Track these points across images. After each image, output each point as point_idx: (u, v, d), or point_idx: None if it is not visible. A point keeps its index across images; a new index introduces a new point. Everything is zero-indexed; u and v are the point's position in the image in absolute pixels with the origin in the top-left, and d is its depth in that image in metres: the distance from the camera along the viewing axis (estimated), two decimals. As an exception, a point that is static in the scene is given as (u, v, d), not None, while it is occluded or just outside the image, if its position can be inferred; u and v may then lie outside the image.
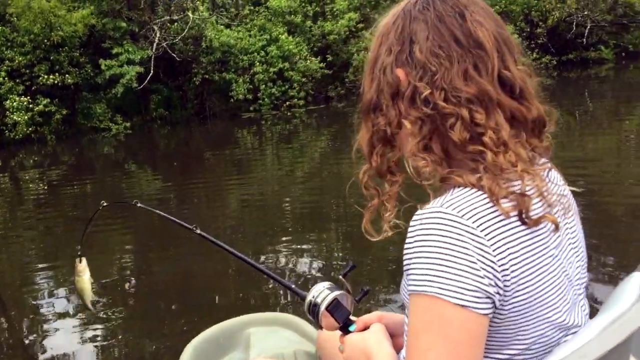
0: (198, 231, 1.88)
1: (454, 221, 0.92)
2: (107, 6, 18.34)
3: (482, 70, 0.98)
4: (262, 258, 5.47)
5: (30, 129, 16.97)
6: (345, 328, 1.27)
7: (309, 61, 20.75)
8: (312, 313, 1.29)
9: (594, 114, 13.88)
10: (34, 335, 4.28)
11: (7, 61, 17.17)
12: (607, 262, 4.46)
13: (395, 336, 1.25)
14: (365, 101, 1.08)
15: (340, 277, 1.33)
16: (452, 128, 0.97)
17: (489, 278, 0.91)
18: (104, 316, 4.39)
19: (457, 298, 0.90)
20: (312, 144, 14.18)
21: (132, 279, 5.52)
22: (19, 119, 16.56)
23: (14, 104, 16.64)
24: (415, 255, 0.94)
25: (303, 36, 21.50)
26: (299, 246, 5.81)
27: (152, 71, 17.99)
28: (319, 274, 5.00)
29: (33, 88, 17.47)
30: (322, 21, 21.96)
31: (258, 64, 20.03)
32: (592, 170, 7.66)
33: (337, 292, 1.27)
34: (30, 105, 16.95)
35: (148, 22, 18.56)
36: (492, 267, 0.92)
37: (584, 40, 22.68)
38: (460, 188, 0.97)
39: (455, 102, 0.97)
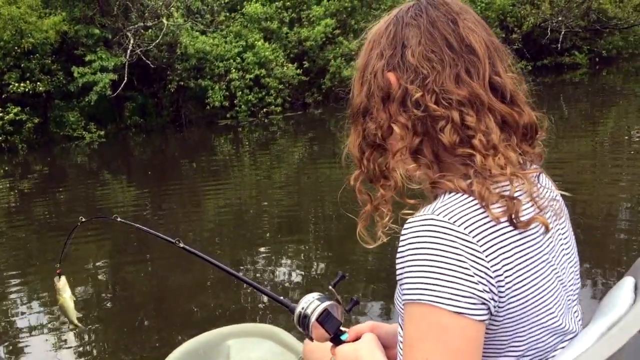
0: (181, 245, 1.83)
1: (446, 228, 0.92)
2: (80, 12, 18.02)
3: (474, 74, 0.99)
4: (243, 267, 5.39)
5: (0, 138, 16.56)
6: (336, 338, 1.25)
7: (285, 67, 20.65)
8: (302, 324, 1.27)
9: (570, 118, 14.01)
10: (6, 350, 4.18)
11: (-24, 69, 16.76)
12: (594, 270, 4.41)
13: (387, 347, 1.23)
14: (355, 105, 1.08)
15: (330, 287, 1.31)
16: (442, 131, 0.97)
17: (482, 284, 0.91)
18: (80, 330, 4.27)
19: (452, 305, 0.90)
20: (290, 150, 14.11)
21: (109, 291, 5.39)
22: (-11, 128, 16.16)
23: (-17, 112, 16.23)
24: (408, 264, 0.93)
25: (279, 42, 21.40)
26: (278, 255, 5.73)
27: (125, 78, 17.71)
28: (297, 283, 4.93)
29: (3, 96, 17.07)
30: (298, 27, 21.89)
31: (234, 70, 19.86)
32: (569, 171, 7.70)
33: (327, 303, 1.26)
34: (0, 114, 16.54)
35: (121, 29, 18.29)
36: (486, 273, 0.91)
37: (559, 45, 22.98)
38: (452, 194, 0.97)
39: (446, 105, 0.97)
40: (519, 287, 0.95)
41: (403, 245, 0.95)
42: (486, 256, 0.92)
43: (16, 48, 16.92)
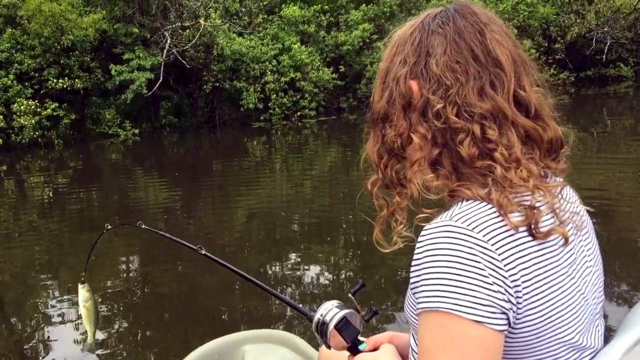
0: (203, 252, 1.84)
1: (464, 234, 0.90)
2: (120, 11, 18.20)
3: (499, 88, 0.97)
4: (270, 272, 5.40)
5: (37, 133, 16.83)
6: (354, 348, 1.24)
7: (321, 71, 20.52)
8: (320, 331, 1.25)
9: (613, 131, 13.52)
10: (35, 344, 4.20)
11: (16, 64, 17.07)
12: (621, 283, 4.28)
13: (406, 359, 1.20)
14: (376, 110, 1.07)
15: (350, 295, 1.30)
16: (461, 143, 0.96)
17: (501, 293, 0.88)
18: (106, 327, 4.33)
19: (472, 314, 0.87)
20: (322, 155, 13.95)
21: (137, 290, 5.35)
22: (26, 122, 16.42)
23: (22, 107, 16.51)
24: (425, 271, 0.91)
25: (316, 46, 21.29)
26: (307, 261, 5.64)
27: (161, 78, 17.80)
28: (326, 291, 4.84)
29: (42, 92, 17.35)
30: (335, 31, 21.75)
31: (269, 73, 19.81)
32: (610, 190, 7.37)
33: (346, 311, 1.25)
34: (38, 109, 16.80)
35: (159, 29, 18.41)
36: (504, 282, 0.89)
37: (603, 57, 22.35)
38: (469, 201, 0.94)
39: (467, 118, 0.96)
40: (536, 298, 0.92)
41: (419, 252, 0.93)
42: (504, 265, 0.89)
43: (56, 45, 17.18)
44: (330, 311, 1.24)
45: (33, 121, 16.54)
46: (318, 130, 18.63)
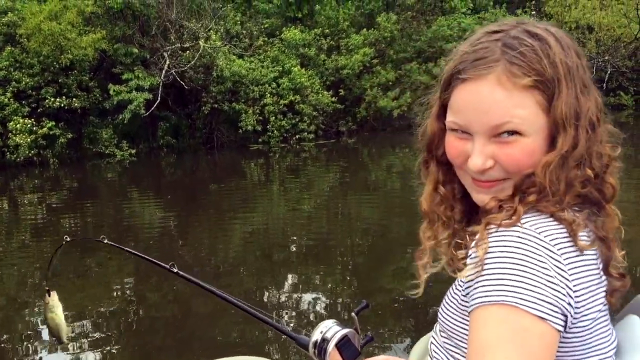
0: (175, 270, 1.79)
1: (534, 237, 0.91)
2: (120, 31, 18.18)
3: None
4: (265, 294, 5.43)
5: (32, 151, 16.65)
6: None
7: (320, 94, 20.46)
8: (319, 349, 1.22)
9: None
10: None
11: (14, 82, 16.95)
12: None
13: None
14: (572, 147, 0.98)
15: (353, 314, 1.31)
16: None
17: (564, 295, 0.90)
18: (96, 346, 4.36)
19: (536, 309, 0.87)
20: (320, 179, 13.83)
21: (128, 310, 5.34)
22: (22, 141, 16.25)
23: (17, 125, 16.35)
24: (489, 267, 0.91)
25: (316, 69, 21.26)
26: (303, 285, 5.66)
27: (159, 98, 17.71)
28: (322, 315, 4.84)
29: (39, 110, 17.21)
30: (336, 55, 21.74)
31: (269, 95, 19.73)
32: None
33: (347, 329, 1.24)
34: (34, 128, 16.65)
35: (159, 49, 18.37)
36: (567, 286, 0.91)
37: (604, 85, 22.29)
38: (534, 212, 0.96)
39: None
40: (587, 308, 0.94)
41: (484, 250, 0.92)
42: (567, 270, 0.91)
43: (55, 63, 17.09)
44: (330, 329, 1.23)
45: (29, 140, 16.36)
46: (316, 153, 18.53)
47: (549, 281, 0.88)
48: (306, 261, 6.77)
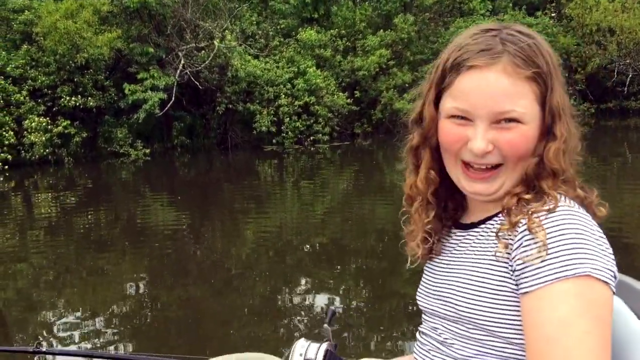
0: (44, 349, 1.69)
1: (582, 214, 0.99)
2: (136, 31, 18.19)
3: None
4: (278, 297, 5.40)
5: (47, 150, 16.70)
6: None
7: (336, 96, 20.32)
8: None
9: (634, 166, 13.13)
10: None
11: (30, 80, 17.03)
12: None
13: None
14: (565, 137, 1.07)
15: (326, 325, 1.32)
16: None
17: (613, 262, 0.97)
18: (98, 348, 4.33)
19: (604, 276, 0.92)
20: (334, 181, 13.69)
21: (142, 312, 5.30)
22: (37, 139, 16.31)
23: (33, 124, 16.42)
24: (553, 244, 0.94)
25: (332, 70, 21.13)
26: (315, 288, 5.59)
27: (173, 98, 17.68)
28: (336, 317, 4.56)
29: (54, 109, 17.27)
30: (352, 56, 21.59)
31: (284, 96, 19.63)
32: (628, 226, 7.02)
33: (326, 344, 1.21)
34: (50, 127, 16.69)
35: (174, 49, 18.35)
36: (612, 255, 0.98)
37: (625, 89, 21.96)
38: (560, 196, 1.02)
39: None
40: None
41: (541, 230, 0.95)
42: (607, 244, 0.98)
43: (71, 62, 17.13)
44: (309, 348, 1.19)
45: (44, 138, 16.43)
46: (331, 155, 18.40)
47: (606, 249, 0.96)
48: (319, 263, 6.66)
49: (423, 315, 1.20)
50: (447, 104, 1.06)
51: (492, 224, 1.07)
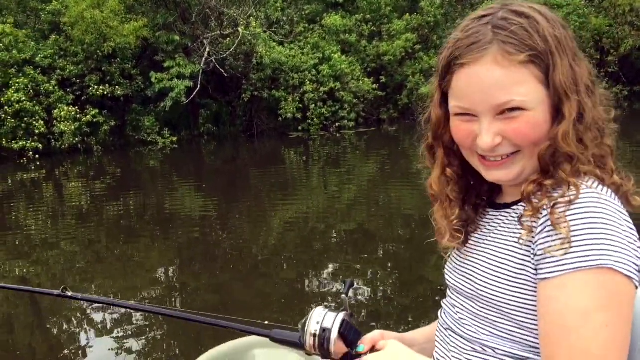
0: (69, 294, 1.72)
1: (612, 202, 0.95)
2: (161, 19, 18.26)
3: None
4: (306, 283, 5.43)
5: (77, 139, 16.94)
6: (352, 351, 1.19)
7: (361, 82, 20.16)
8: (320, 340, 1.17)
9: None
10: (70, 350, 4.30)
11: (58, 70, 17.25)
12: None
13: None
14: (578, 116, 1.01)
15: (343, 295, 1.29)
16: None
17: (638, 254, 0.94)
18: (138, 333, 4.39)
19: (628, 270, 0.90)
20: (360, 167, 13.63)
21: (169, 295, 5.41)
22: (66, 128, 16.56)
23: (62, 113, 16.65)
24: (576, 232, 0.92)
25: (357, 56, 20.96)
26: (342, 274, 5.57)
27: (199, 86, 17.75)
28: (363, 304, 4.76)
29: (83, 98, 17.49)
30: (377, 41, 21.37)
31: (309, 82, 19.55)
32: None
33: (343, 313, 1.20)
34: (79, 116, 16.92)
35: (200, 37, 18.39)
36: (638, 246, 0.94)
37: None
38: (588, 178, 0.99)
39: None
40: None
41: (564, 215, 0.93)
42: (635, 231, 0.95)
43: (98, 52, 17.30)
44: (326, 317, 1.18)
45: (73, 127, 16.67)
46: (357, 141, 18.30)
47: (634, 242, 0.93)
48: (346, 250, 6.65)
49: (447, 291, 1.21)
50: (451, 102, 1.06)
51: (522, 206, 1.05)
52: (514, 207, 1.08)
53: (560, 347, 0.92)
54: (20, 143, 16.24)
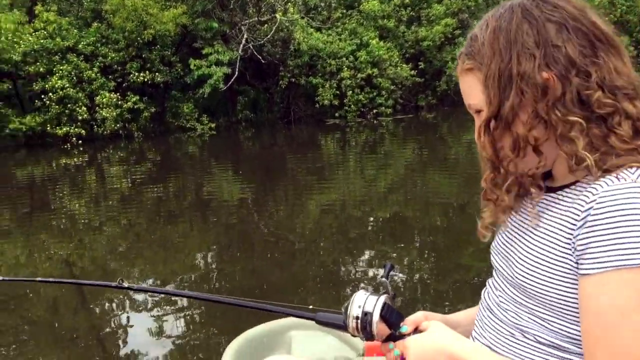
0: (126, 285, 1.71)
1: None
2: (200, 6, 18.39)
3: (627, 63, 1.01)
4: (342, 269, 5.43)
5: (118, 125, 17.28)
6: (395, 333, 1.21)
7: (399, 68, 19.95)
8: (363, 324, 1.20)
9: None
10: (111, 326, 4.42)
11: (100, 57, 17.58)
12: None
13: None
14: (503, 113, 1.03)
15: (383, 278, 1.32)
16: (619, 125, 0.98)
17: None
18: (178, 313, 4.50)
19: None
20: (397, 154, 13.52)
21: (207, 281, 5.44)
22: (108, 115, 16.90)
23: (104, 99, 16.98)
24: (617, 230, 0.89)
25: (395, 41, 20.73)
26: (379, 261, 5.55)
27: (237, 72, 17.85)
28: (400, 291, 4.76)
29: (124, 85, 17.80)
30: (416, 26, 21.09)
31: (346, 69, 19.45)
32: None
33: (384, 296, 1.22)
34: (120, 102, 17.24)
35: (237, 23, 18.46)
36: None
37: None
38: (632, 168, 0.96)
39: (613, 98, 0.98)
40: None
41: (605, 211, 0.91)
42: None
43: (138, 39, 17.56)
44: (368, 300, 1.20)
45: (114, 113, 17.01)
46: (394, 128, 18.15)
47: None
48: (383, 237, 6.61)
49: (493, 271, 1.20)
50: None
51: (567, 192, 1.03)
52: (560, 191, 1.05)
53: (600, 346, 0.92)
54: (64, 129, 16.66)
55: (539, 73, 0.99)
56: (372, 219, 7.49)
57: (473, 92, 1.07)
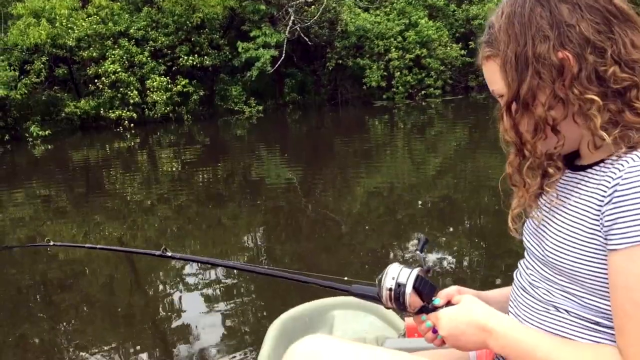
0: (169, 254, 1.86)
1: None
2: (248, -12, 18.44)
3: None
4: (390, 253, 5.38)
5: (168, 108, 17.57)
6: (427, 305, 1.23)
7: (449, 48, 19.53)
8: (396, 294, 1.22)
9: None
10: (163, 299, 4.53)
11: (151, 41, 17.86)
12: None
13: None
14: (522, 94, 1.05)
15: (418, 252, 1.35)
16: (636, 99, 0.99)
17: None
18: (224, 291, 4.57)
19: None
20: (446, 136, 13.30)
21: (254, 259, 5.52)
22: (159, 98, 17.19)
23: (155, 83, 17.27)
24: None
25: (445, 21, 20.28)
26: (430, 245, 5.36)
27: (284, 55, 17.83)
28: (452, 275, 4.71)
29: (173, 68, 18.06)
30: (467, 4, 20.56)
31: (394, 49, 19.16)
32: None
33: (417, 269, 1.24)
34: (170, 86, 17.51)
35: (285, 5, 18.41)
36: None
37: None
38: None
39: (631, 73, 0.99)
40: None
41: (631, 186, 0.92)
42: None
43: (187, 22, 17.74)
44: (401, 272, 1.22)
45: (165, 97, 17.28)
46: (443, 110, 17.84)
47: None
48: (432, 221, 6.52)
49: (525, 252, 1.23)
50: None
51: (595, 171, 1.05)
52: (589, 169, 1.07)
53: (630, 320, 0.94)
54: (117, 112, 17.06)
55: (554, 53, 1.01)
56: (420, 201, 7.40)
57: (494, 79, 1.10)
